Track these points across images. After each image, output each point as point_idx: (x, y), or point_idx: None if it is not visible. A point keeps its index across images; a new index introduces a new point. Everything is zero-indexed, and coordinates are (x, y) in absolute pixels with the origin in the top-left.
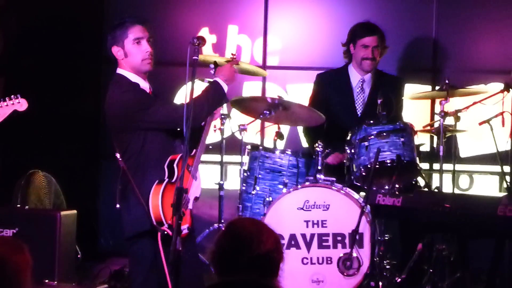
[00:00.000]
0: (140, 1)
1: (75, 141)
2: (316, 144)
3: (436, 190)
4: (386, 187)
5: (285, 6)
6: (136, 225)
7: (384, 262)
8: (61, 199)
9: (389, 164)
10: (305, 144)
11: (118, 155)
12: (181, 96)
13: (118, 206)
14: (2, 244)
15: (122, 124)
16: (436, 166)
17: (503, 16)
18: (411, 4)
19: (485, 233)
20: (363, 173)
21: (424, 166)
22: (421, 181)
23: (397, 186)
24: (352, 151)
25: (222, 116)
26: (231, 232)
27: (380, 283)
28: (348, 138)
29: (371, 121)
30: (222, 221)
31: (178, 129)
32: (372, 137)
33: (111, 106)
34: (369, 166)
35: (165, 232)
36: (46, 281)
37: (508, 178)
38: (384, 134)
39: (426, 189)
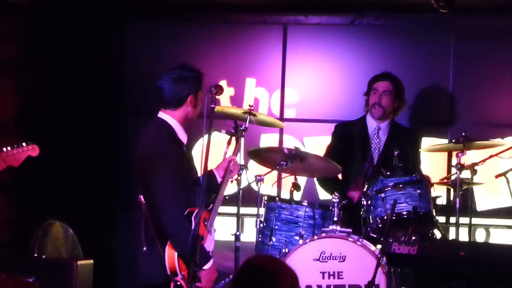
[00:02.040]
0: (159, 54)
1: (92, 192)
2: (333, 196)
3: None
4: (402, 239)
5: (302, 60)
6: (152, 275)
7: None
8: (78, 249)
9: (405, 216)
10: (322, 195)
11: (142, 198)
12: (199, 147)
13: (145, 248)
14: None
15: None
16: (452, 219)
17: None
18: (428, 58)
19: (501, 282)
20: (380, 225)
21: (441, 219)
22: (437, 234)
23: (413, 238)
24: (369, 202)
25: (240, 167)
26: (248, 269)
27: None
28: (365, 189)
29: (388, 173)
30: None
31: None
32: (389, 188)
33: (148, 145)
34: (385, 217)
35: (178, 283)
36: None
37: None
38: (401, 185)
39: (442, 239)
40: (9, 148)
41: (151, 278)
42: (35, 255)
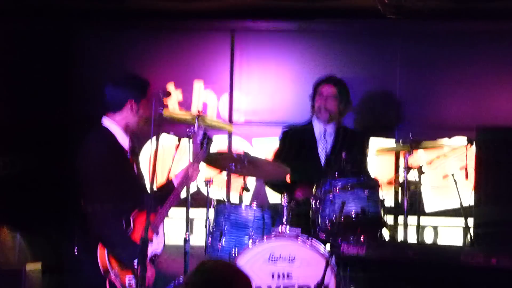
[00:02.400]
0: (107, 55)
1: (41, 196)
2: (281, 197)
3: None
4: (351, 239)
5: (250, 65)
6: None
7: None
8: (26, 254)
9: (354, 217)
10: (271, 197)
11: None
12: (147, 152)
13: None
14: None
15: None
16: (401, 219)
17: (465, 74)
18: (376, 62)
19: (449, 283)
20: (329, 226)
21: (389, 219)
22: (386, 235)
23: (362, 239)
24: (317, 204)
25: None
26: (203, 274)
27: None
28: (313, 191)
29: (336, 174)
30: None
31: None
32: (337, 190)
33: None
34: (334, 219)
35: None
36: None
37: (472, 231)
38: (349, 187)
39: (390, 240)
40: None
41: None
42: None
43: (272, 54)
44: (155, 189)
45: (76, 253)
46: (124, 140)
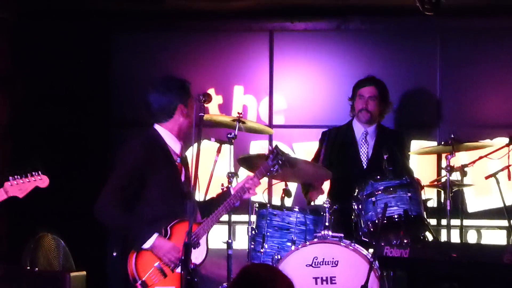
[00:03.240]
0: (147, 63)
1: (84, 204)
2: (323, 201)
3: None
4: (394, 242)
5: (289, 66)
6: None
7: None
8: (70, 262)
9: (396, 219)
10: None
11: None
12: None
13: (115, 254)
14: None
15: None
16: (443, 221)
17: (506, 71)
18: (415, 61)
19: (492, 282)
20: (371, 229)
21: (432, 221)
22: (429, 236)
23: (405, 241)
24: (360, 207)
25: (229, 175)
26: (245, 277)
27: None
28: (355, 194)
29: (378, 177)
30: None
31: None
32: (379, 192)
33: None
34: (376, 221)
35: None
36: None
37: None
38: (391, 189)
39: (433, 241)
40: (17, 177)
41: (120, 284)
42: (28, 268)
43: (310, 54)
44: (199, 194)
45: (114, 258)
46: (175, 146)
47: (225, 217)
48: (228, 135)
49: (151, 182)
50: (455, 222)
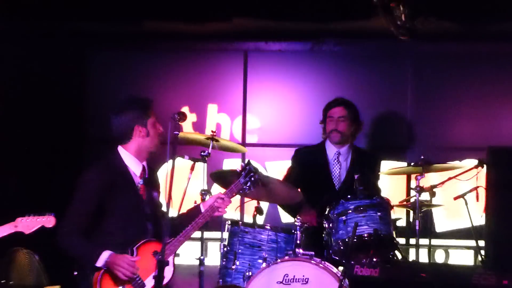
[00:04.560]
0: (121, 81)
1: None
2: (295, 219)
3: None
4: (364, 261)
5: (263, 86)
6: None
7: None
8: (44, 277)
9: (366, 238)
10: (284, 219)
11: None
12: (163, 174)
13: (75, 273)
14: None
15: None
16: (412, 241)
17: (476, 96)
18: (387, 83)
19: None
20: (342, 247)
21: (401, 240)
22: (398, 255)
23: (374, 260)
24: (330, 225)
25: (203, 192)
26: None
27: None
28: (326, 212)
29: (349, 196)
30: None
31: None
32: (350, 211)
33: None
34: (347, 240)
35: None
36: None
37: (483, 252)
38: (361, 208)
39: (403, 260)
40: (31, 214)
41: None
42: (1, 282)
43: (284, 75)
44: (173, 211)
45: (76, 276)
46: (136, 167)
47: (197, 234)
48: (202, 153)
49: (109, 211)
50: (423, 241)
